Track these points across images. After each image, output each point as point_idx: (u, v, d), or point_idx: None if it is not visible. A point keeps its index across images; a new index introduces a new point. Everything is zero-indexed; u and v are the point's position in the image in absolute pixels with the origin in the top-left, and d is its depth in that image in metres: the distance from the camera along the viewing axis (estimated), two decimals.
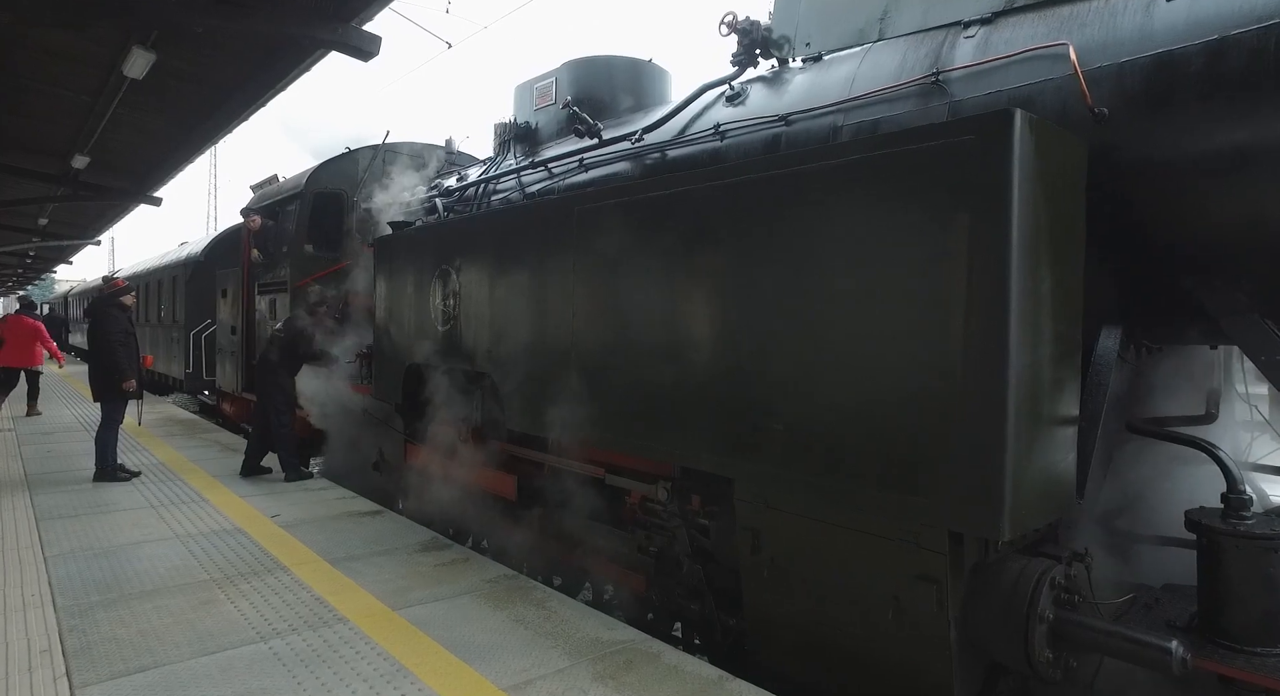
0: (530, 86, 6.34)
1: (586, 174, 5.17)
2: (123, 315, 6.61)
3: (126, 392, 6.53)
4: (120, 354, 6.40)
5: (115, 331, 6.43)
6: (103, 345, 6.44)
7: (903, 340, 2.49)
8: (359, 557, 4.39)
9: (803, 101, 3.85)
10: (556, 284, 4.09)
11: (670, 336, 3.38)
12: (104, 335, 6.43)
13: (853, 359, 2.63)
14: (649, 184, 3.55)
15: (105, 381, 6.49)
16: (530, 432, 4.60)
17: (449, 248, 5.12)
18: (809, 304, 2.78)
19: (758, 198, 2.96)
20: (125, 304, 6.69)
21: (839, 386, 2.67)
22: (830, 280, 2.71)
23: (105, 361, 6.45)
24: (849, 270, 2.64)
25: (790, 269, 2.84)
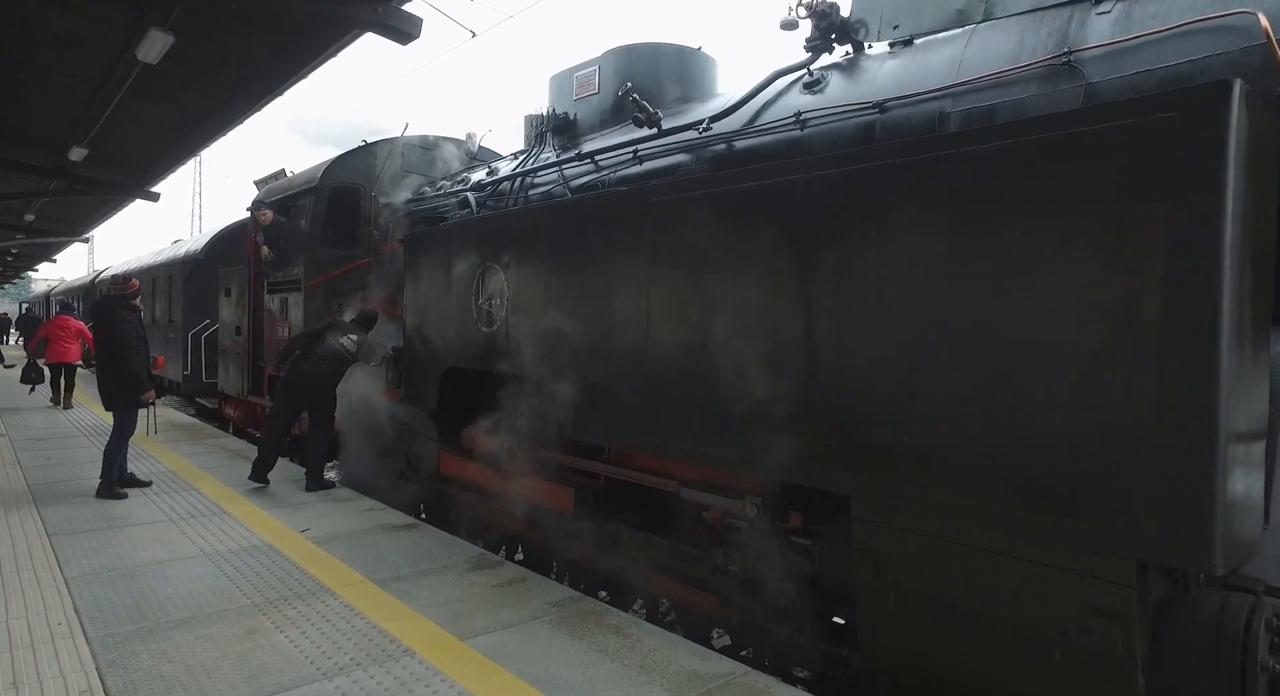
0: (570, 76, 6.04)
1: (641, 166, 4.87)
2: (134, 318, 6.08)
3: (141, 402, 6.05)
4: (136, 362, 5.89)
5: (131, 337, 5.91)
6: (118, 351, 5.87)
7: (1074, 345, 2.21)
8: (406, 578, 4.06)
9: (898, 87, 3.58)
10: (627, 282, 3.79)
11: (771, 340, 3.09)
12: (119, 340, 5.86)
13: (1011, 366, 2.35)
14: (747, 173, 3.26)
15: (118, 390, 5.92)
16: (592, 442, 4.31)
17: (495, 244, 4.81)
18: (952, 304, 2.50)
19: (888, 187, 2.68)
20: (137, 306, 6.22)
21: (991, 397, 2.39)
22: (981, 278, 2.43)
23: (120, 369, 5.88)
24: (1007, 267, 2.36)
25: (930, 266, 2.55)
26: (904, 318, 2.62)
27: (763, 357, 3.10)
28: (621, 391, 3.80)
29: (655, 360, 3.61)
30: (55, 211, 14.90)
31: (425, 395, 5.51)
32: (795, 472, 3.03)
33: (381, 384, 6.43)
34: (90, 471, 6.72)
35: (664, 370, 3.56)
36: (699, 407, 3.38)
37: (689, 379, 3.44)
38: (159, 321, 13.64)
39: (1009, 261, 2.37)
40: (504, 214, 5.23)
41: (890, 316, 2.66)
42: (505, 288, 4.68)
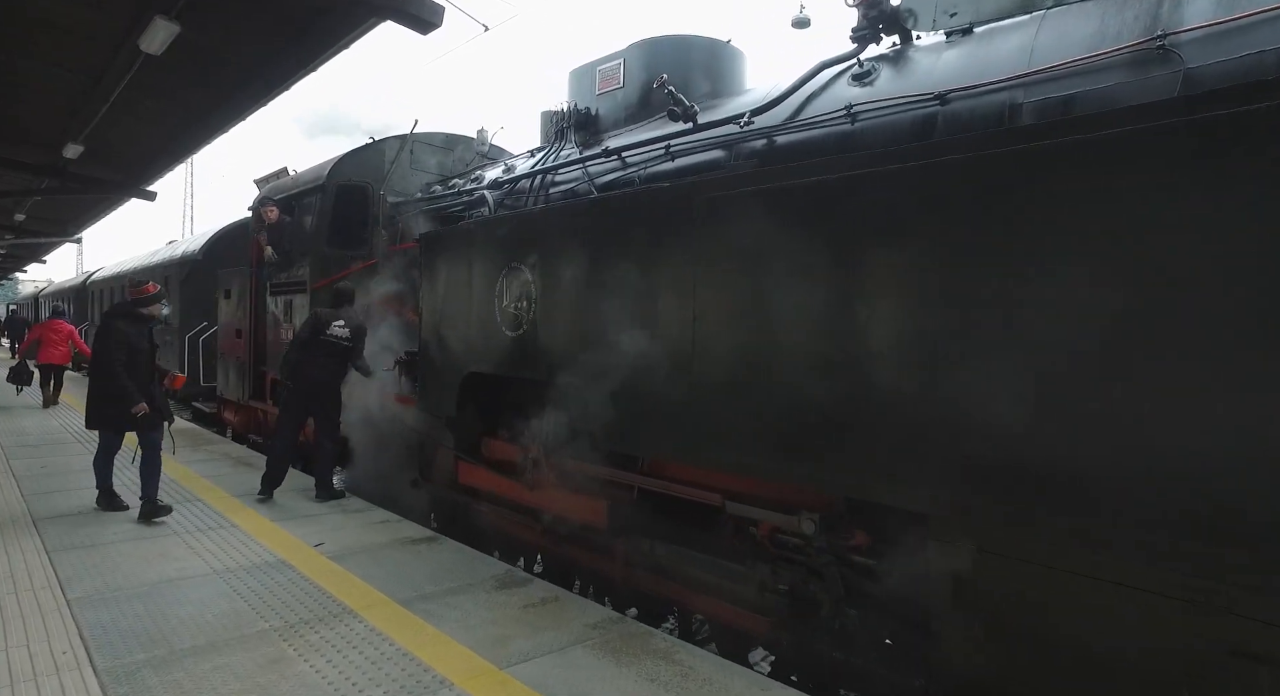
0: (592, 70, 5.81)
1: (674, 163, 4.65)
2: (135, 329, 5.29)
3: (126, 422, 5.27)
4: (119, 380, 5.10)
5: (115, 349, 5.11)
6: (97, 366, 5.25)
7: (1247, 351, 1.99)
8: (432, 597, 3.82)
9: (960, 77, 3.37)
10: (670, 284, 3.57)
11: (837, 345, 2.87)
12: (101, 354, 5.19)
13: (1147, 372, 2.14)
14: (810, 167, 3.04)
15: (97, 409, 5.27)
16: (631, 453, 4.08)
17: (522, 243, 4.58)
18: (1075, 307, 2.28)
19: (989, 179, 2.46)
20: (145, 315, 5.42)
21: (1125, 408, 2.18)
22: (1116, 277, 2.21)
23: (98, 385, 5.25)
24: (1152, 265, 2.13)
25: (1040, 265, 2.34)
26: (1007, 320, 2.40)
27: (828, 364, 2.89)
28: (664, 400, 3.57)
29: (703, 366, 3.39)
30: (47, 211, 14.55)
31: (443, 402, 5.27)
32: (866, 488, 2.81)
33: (394, 389, 6.18)
34: (87, 479, 6.45)
35: (713, 377, 3.34)
36: (753, 418, 3.16)
37: (742, 387, 3.22)
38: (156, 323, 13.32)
39: (1161, 264, 2.15)
40: (531, 212, 4.99)
41: (990, 319, 2.44)
42: (533, 289, 4.45)
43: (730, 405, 3.27)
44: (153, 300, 5.51)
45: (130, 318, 5.37)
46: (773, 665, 3.93)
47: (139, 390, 5.17)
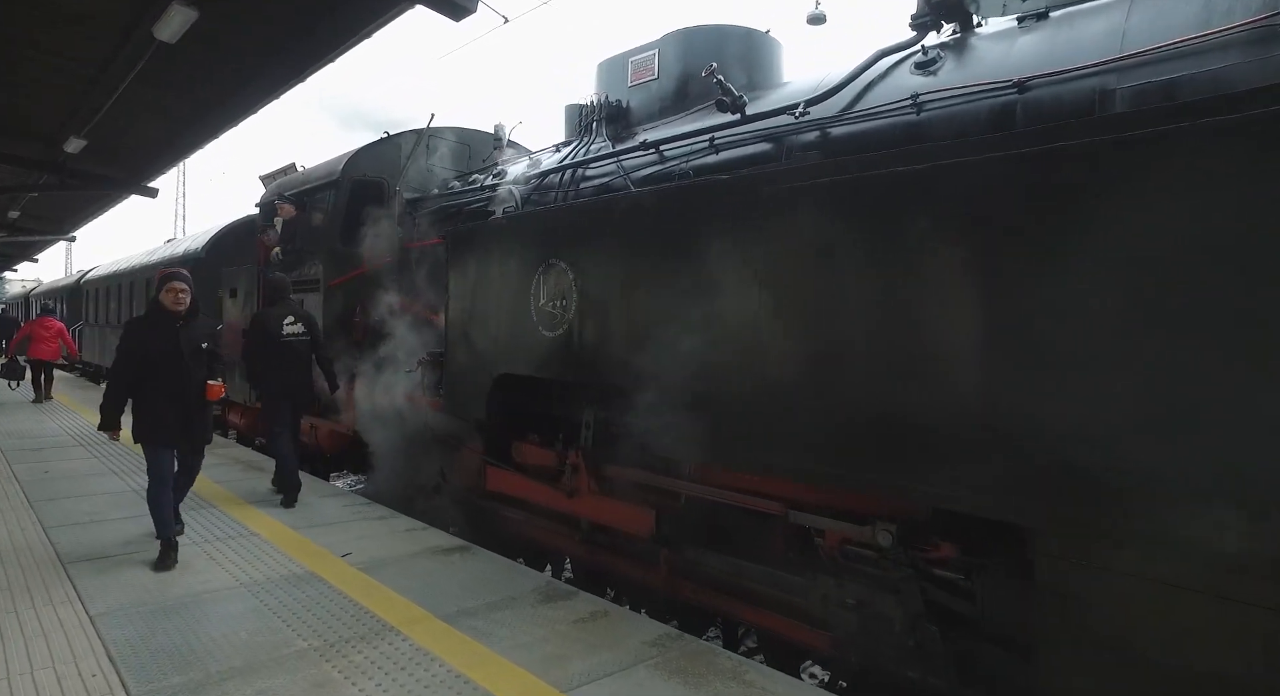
0: (624, 61, 5.62)
1: (718, 156, 4.47)
2: (152, 330, 4.23)
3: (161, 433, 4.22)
4: (121, 384, 4.24)
5: (118, 353, 4.24)
6: (112, 370, 4.36)
7: None
8: (475, 612, 3.62)
9: (1040, 64, 3.20)
10: (731, 281, 3.38)
11: (925, 345, 2.69)
12: (117, 354, 4.27)
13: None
14: (893, 156, 2.85)
15: (134, 422, 4.25)
16: (686, 460, 3.89)
17: (561, 239, 4.38)
18: (1198, 310, 2.11)
19: (1105, 167, 2.28)
20: (167, 309, 4.25)
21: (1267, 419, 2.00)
22: (1238, 279, 2.04)
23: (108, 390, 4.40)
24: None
25: (1165, 254, 2.16)
26: (1128, 318, 2.22)
27: (914, 365, 2.70)
28: (724, 403, 3.38)
29: (770, 369, 3.20)
30: (42, 208, 14.23)
31: (472, 405, 5.06)
32: (958, 499, 2.62)
33: (417, 391, 5.97)
34: (93, 482, 6.23)
35: (781, 379, 3.15)
36: (827, 423, 2.97)
37: (814, 389, 3.03)
38: None
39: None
40: (573, 205, 4.79)
41: (1107, 317, 2.26)
42: (573, 287, 4.25)
43: (800, 409, 3.08)
44: (164, 282, 4.33)
45: (151, 315, 4.37)
46: (828, 681, 3.76)
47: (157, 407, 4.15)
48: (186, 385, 4.23)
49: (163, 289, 4.32)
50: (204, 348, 4.36)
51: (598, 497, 4.40)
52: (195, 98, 7.22)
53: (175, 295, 4.28)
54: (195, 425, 4.35)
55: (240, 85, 6.68)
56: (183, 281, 4.33)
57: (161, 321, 4.27)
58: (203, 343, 4.35)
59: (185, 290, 4.30)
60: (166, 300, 4.28)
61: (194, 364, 4.27)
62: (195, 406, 4.30)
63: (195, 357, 4.29)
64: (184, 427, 4.26)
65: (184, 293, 4.29)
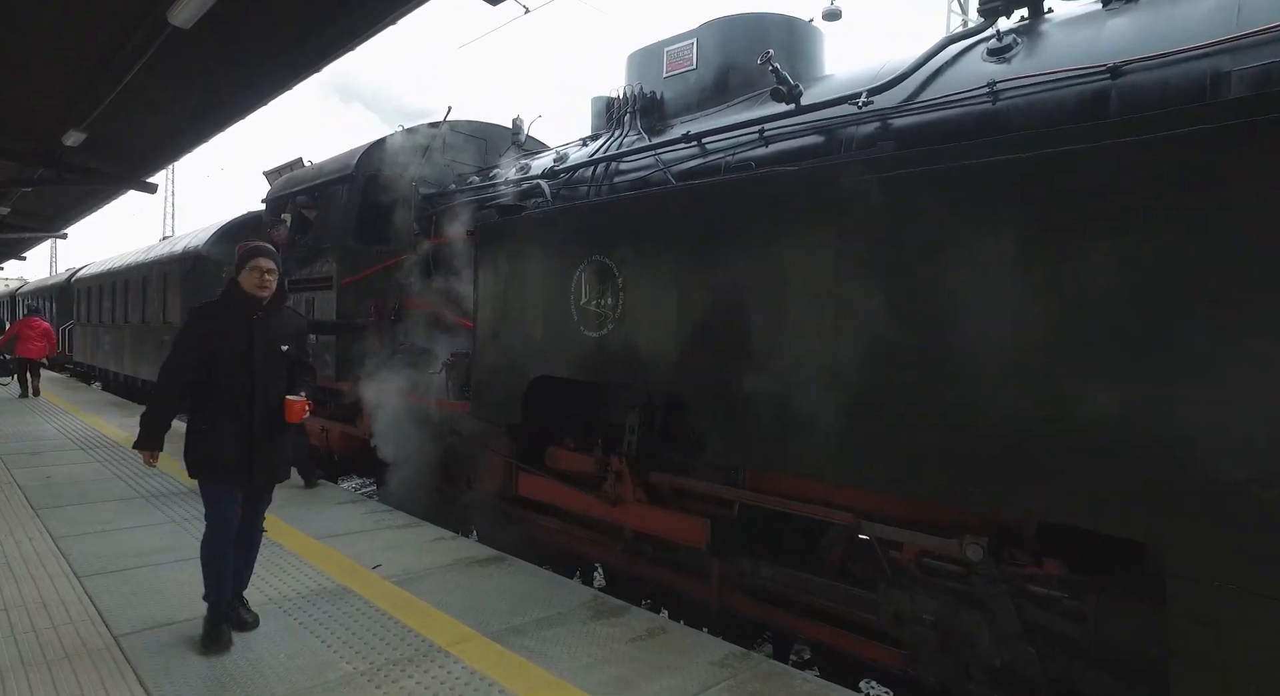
0: (658, 51, 5.42)
1: (767, 148, 4.27)
2: (225, 322, 3.16)
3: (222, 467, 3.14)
4: (169, 391, 3.17)
5: (171, 352, 3.19)
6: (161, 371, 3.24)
7: None
8: (524, 630, 3.40)
9: (1136, 47, 3.01)
10: (803, 279, 3.18)
11: (1034, 348, 2.49)
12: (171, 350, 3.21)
13: None
14: (1000, 143, 2.66)
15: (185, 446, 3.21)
16: (743, 466, 3.70)
17: (606, 234, 4.17)
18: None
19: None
20: (246, 288, 3.18)
21: None
22: None
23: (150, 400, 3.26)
24: None
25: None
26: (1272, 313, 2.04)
27: (1024, 369, 2.51)
28: (793, 409, 3.18)
29: (848, 372, 3.00)
30: (34, 204, 13.87)
31: (504, 408, 4.84)
32: (1072, 513, 2.43)
33: (439, 393, 5.74)
34: (96, 489, 5.96)
35: (860, 383, 2.95)
36: (919, 432, 2.77)
37: (899, 395, 2.83)
38: (150, 322, 12.73)
39: None
40: (616, 200, 4.56)
41: (1248, 314, 2.08)
42: (620, 285, 4.04)
43: (886, 416, 2.88)
44: (246, 259, 3.20)
45: (224, 301, 3.25)
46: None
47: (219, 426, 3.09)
48: (255, 399, 3.14)
49: (245, 267, 3.19)
50: (284, 351, 3.27)
51: (645, 506, 4.19)
52: (204, 88, 6.95)
53: (261, 276, 3.17)
54: (263, 456, 3.17)
55: (253, 74, 6.42)
56: (271, 259, 3.23)
57: (236, 310, 3.18)
58: (284, 343, 3.27)
59: (274, 271, 3.22)
60: (249, 283, 3.17)
61: (269, 371, 3.20)
62: (265, 430, 3.17)
63: (272, 362, 3.21)
64: (247, 458, 3.13)
65: (272, 274, 3.21)
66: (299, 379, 3.36)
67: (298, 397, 3.25)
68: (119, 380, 15.12)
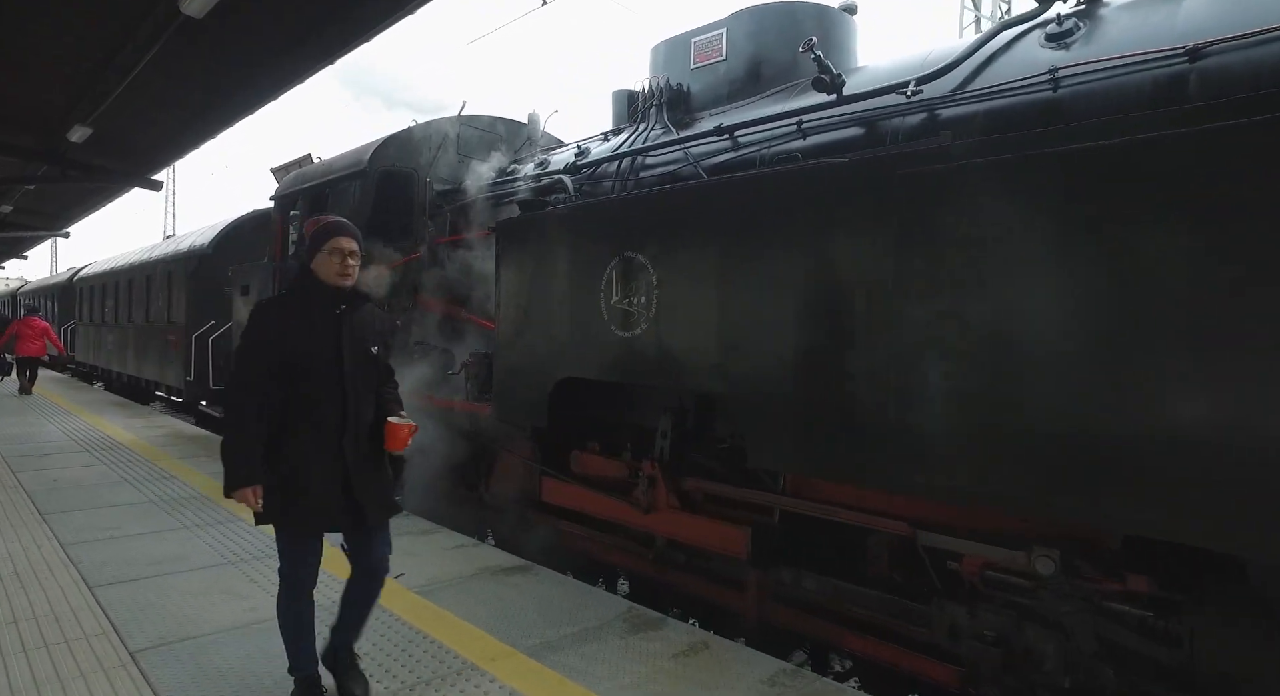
0: (685, 42, 5.25)
1: (805, 140, 4.10)
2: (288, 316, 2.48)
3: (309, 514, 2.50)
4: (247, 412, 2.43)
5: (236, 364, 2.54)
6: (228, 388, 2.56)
7: None
8: (560, 645, 3.24)
9: (1218, 27, 2.84)
10: (855, 277, 3.02)
11: (1122, 347, 2.33)
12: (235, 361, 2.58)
13: None
14: (1079, 131, 2.49)
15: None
16: (796, 474, 3.54)
17: (639, 230, 4.00)
18: None
19: None
20: (323, 275, 2.51)
21: None
22: None
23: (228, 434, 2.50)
24: None
25: None
26: None
27: (1111, 370, 2.34)
28: (846, 413, 3.02)
29: (907, 373, 2.83)
30: (37, 202, 13.71)
31: (529, 410, 4.67)
32: (1168, 527, 2.26)
33: (458, 394, 5.58)
34: (104, 493, 5.79)
35: (925, 387, 2.78)
36: (989, 437, 2.61)
37: (970, 399, 2.66)
38: (154, 322, 12.57)
39: None
40: (650, 194, 4.39)
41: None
42: (654, 282, 3.87)
43: (947, 419, 2.72)
44: (318, 239, 2.52)
45: (297, 293, 2.54)
46: None
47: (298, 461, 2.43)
48: (348, 417, 2.47)
49: (321, 247, 2.48)
50: (375, 353, 2.60)
51: (679, 513, 4.02)
52: (213, 81, 6.78)
53: (343, 261, 2.47)
54: (366, 486, 2.50)
55: (264, 67, 6.25)
56: (354, 238, 2.53)
57: (314, 303, 2.48)
58: (374, 344, 2.59)
59: (357, 253, 2.53)
60: (327, 269, 2.47)
61: (361, 381, 2.53)
62: (363, 455, 2.52)
63: (363, 370, 2.54)
64: (343, 493, 2.46)
65: (355, 256, 2.51)
66: (389, 391, 2.71)
67: (402, 420, 2.57)
68: (122, 380, 14.97)
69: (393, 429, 2.56)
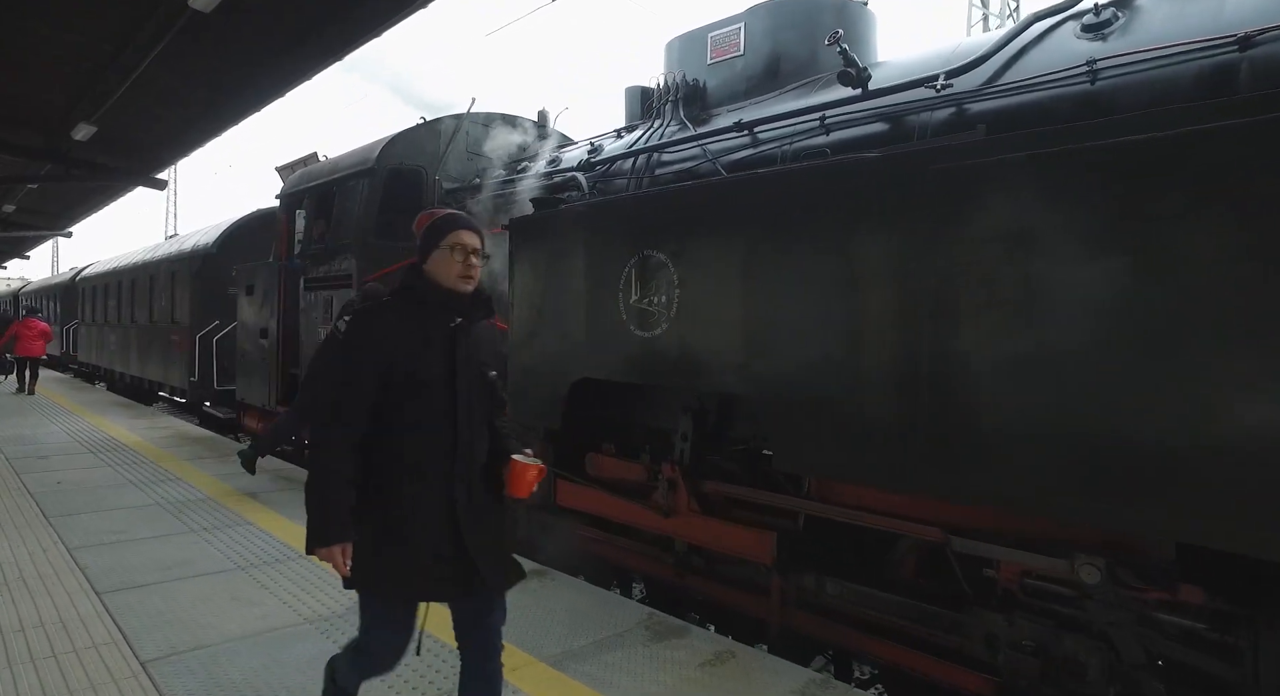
0: (701, 37, 5.16)
1: (828, 136, 4.01)
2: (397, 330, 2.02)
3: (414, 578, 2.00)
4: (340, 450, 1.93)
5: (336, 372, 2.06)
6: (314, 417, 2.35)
7: None
8: (582, 654, 3.15)
9: (1266, 17, 2.75)
10: (888, 276, 2.92)
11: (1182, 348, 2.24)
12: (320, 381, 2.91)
13: None
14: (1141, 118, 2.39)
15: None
16: (825, 477, 3.45)
17: (659, 227, 3.90)
18: None
19: None
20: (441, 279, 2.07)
21: None
22: None
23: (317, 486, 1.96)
24: None
25: None
26: None
27: (1164, 373, 2.25)
28: (880, 415, 2.92)
29: (948, 375, 2.74)
30: (40, 202, 13.64)
31: (544, 412, 4.57)
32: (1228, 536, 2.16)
33: None
34: (110, 496, 5.70)
35: (966, 388, 2.69)
36: (1036, 441, 2.51)
37: (1015, 401, 2.57)
38: (158, 322, 12.48)
39: None
40: (671, 190, 4.29)
41: None
42: (675, 281, 3.78)
43: (989, 422, 2.62)
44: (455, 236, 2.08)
45: (405, 301, 2.08)
46: None
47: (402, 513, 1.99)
48: (459, 457, 2.02)
49: (436, 245, 2.06)
50: (492, 377, 2.16)
51: (701, 517, 3.93)
52: (218, 78, 6.69)
53: (466, 260, 2.05)
54: (483, 542, 2.02)
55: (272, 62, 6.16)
56: (478, 233, 2.13)
57: (428, 312, 2.04)
58: (492, 368, 2.16)
59: (481, 250, 2.12)
60: (447, 269, 2.04)
61: (476, 410, 2.08)
62: (478, 507, 2.05)
63: (479, 397, 2.09)
64: (453, 549, 1.98)
65: (478, 256, 2.10)
66: (502, 424, 2.23)
67: (530, 459, 2.11)
68: (125, 380, 14.88)
69: (519, 469, 2.07)
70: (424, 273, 2.09)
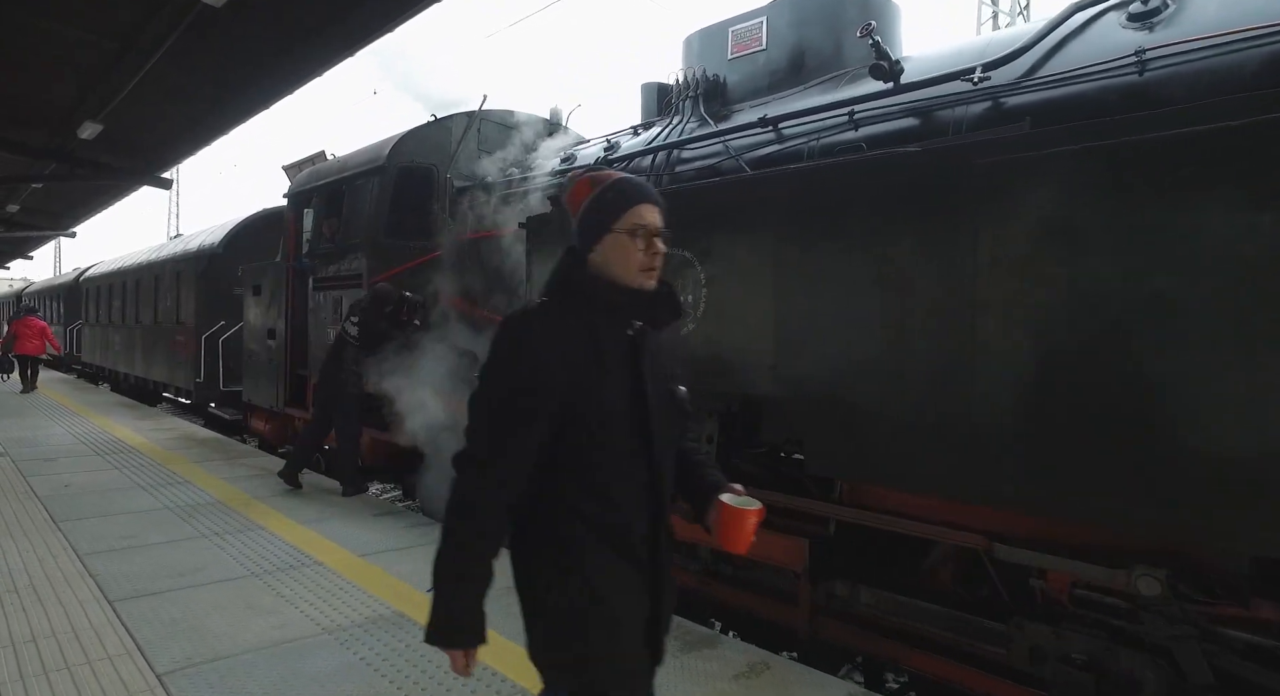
0: (722, 32, 5.05)
1: (857, 132, 3.90)
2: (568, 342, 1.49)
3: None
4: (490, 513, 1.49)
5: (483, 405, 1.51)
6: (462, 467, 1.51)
7: None
8: None
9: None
10: (928, 273, 2.82)
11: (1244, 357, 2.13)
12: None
13: None
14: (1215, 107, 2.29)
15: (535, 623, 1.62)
16: (861, 481, 3.34)
17: (683, 225, 3.77)
18: None
19: None
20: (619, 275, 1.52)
21: None
22: None
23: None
24: None
25: None
26: None
27: (1247, 376, 2.14)
28: (923, 419, 2.82)
29: (988, 378, 2.63)
30: (44, 201, 13.53)
31: None
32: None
33: None
34: (120, 500, 5.60)
35: (1016, 392, 2.58)
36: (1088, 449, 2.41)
37: (1065, 406, 2.46)
38: (162, 322, 12.39)
39: None
40: (696, 187, 4.18)
41: None
42: (701, 280, 3.68)
43: (1035, 427, 2.52)
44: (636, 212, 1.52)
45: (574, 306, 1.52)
46: None
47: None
48: (660, 509, 1.60)
49: (613, 225, 1.51)
50: (682, 396, 1.66)
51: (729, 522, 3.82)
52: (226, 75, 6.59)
53: (650, 245, 1.52)
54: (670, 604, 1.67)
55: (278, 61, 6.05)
56: (657, 207, 1.55)
57: (600, 318, 1.52)
58: (679, 382, 1.66)
59: (660, 232, 1.55)
60: (627, 259, 1.52)
61: (668, 438, 1.60)
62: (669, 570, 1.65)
63: (671, 426, 1.61)
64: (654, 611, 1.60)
65: (660, 238, 1.55)
66: (696, 454, 1.80)
67: (745, 501, 1.59)
68: (129, 381, 14.80)
69: (733, 517, 1.56)
70: (589, 265, 1.54)
